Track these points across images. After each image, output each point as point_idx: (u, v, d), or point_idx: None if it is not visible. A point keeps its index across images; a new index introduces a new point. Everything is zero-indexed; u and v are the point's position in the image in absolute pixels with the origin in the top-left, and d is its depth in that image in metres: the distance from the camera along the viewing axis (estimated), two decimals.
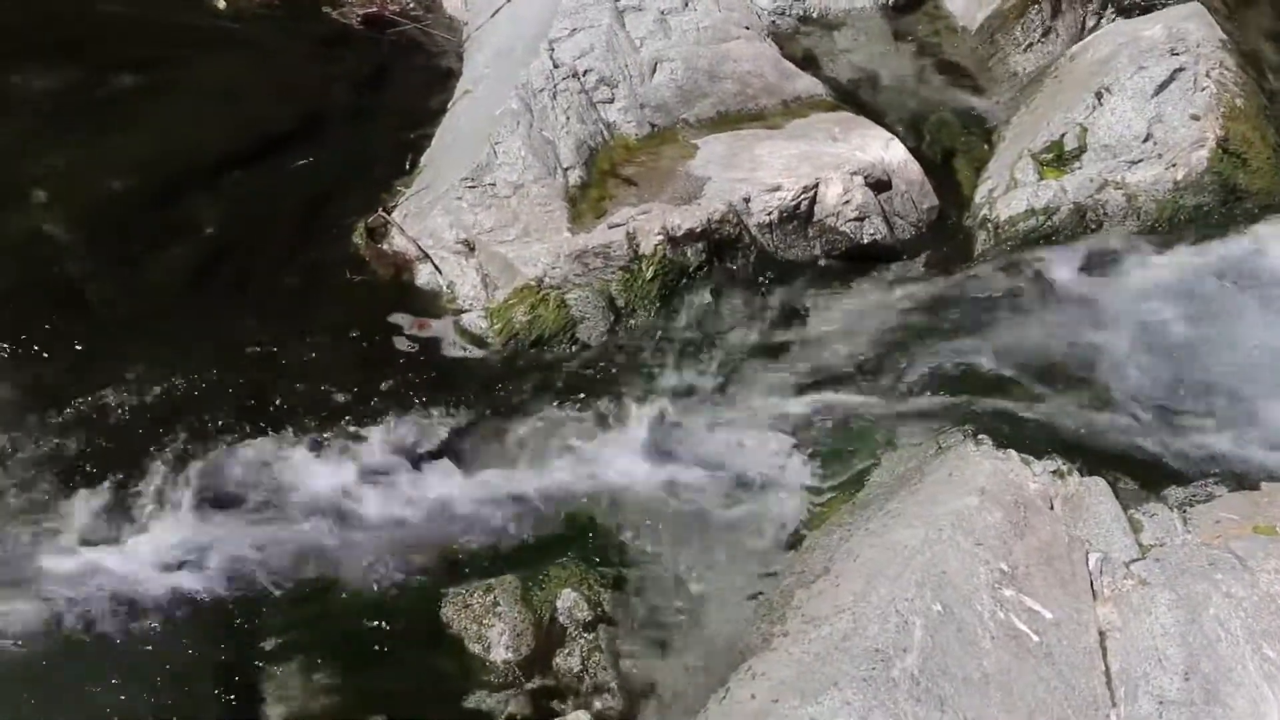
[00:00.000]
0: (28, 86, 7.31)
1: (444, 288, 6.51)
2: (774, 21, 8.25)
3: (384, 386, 6.01)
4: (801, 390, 6.20)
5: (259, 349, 6.07)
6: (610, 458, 5.80)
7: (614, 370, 6.23)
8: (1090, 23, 8.23)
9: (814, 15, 8.39)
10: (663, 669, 5.15)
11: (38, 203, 6.65)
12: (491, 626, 5.16)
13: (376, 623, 5.18)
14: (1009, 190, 7.18)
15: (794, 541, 5.53)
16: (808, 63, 8.00)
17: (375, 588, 5.30)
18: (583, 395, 6.10)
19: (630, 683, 5.09)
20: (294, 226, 6.85)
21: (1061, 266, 6.70)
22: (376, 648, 5.12)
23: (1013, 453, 5.46)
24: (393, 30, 8.30)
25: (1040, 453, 5.54)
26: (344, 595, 5.26)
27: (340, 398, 5.93)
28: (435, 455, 5.78)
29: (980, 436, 5.63)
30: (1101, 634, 4.84)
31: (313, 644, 5.08)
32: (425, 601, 5.27)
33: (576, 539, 5.55)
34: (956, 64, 8.27)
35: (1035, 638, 4.71)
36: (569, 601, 5.24)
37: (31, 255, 6.42)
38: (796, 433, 6.00)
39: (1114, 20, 8.15)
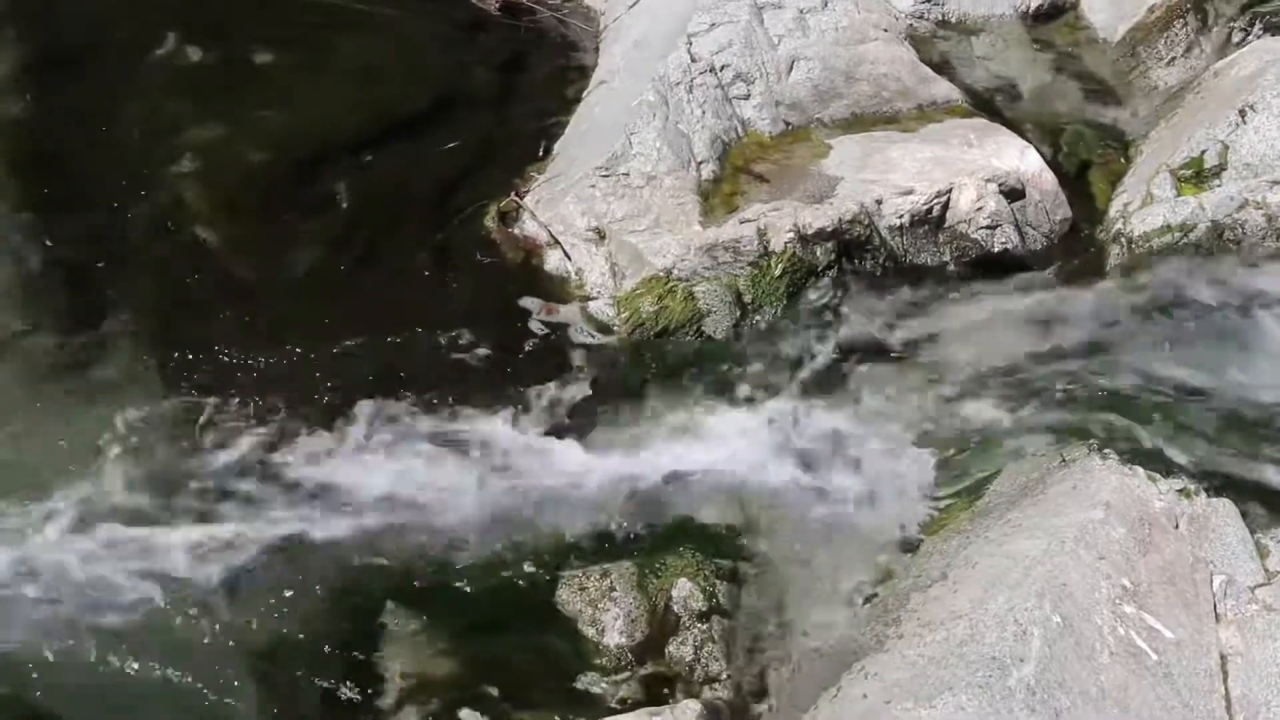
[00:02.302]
0: (176, 60, 7.51)
1: (573, 274, 6.58)
2: (911, 25, 8.19)
3: (511, 367, 6.11)
4: (925, 395, 6.18)
5: (391, 325, 6.19)
6: (731, 451, 5.83)
7: (739, 365, 6.25)
8: (1236, 39, 8.06)
9: (952, 20, 8.32)
10: (774, 663, 5.17)
11: (182, 173, 6.85)
12: (606, 611, 5.22)
13: (494, 598, 5.28)
14: (1145, 205, 7.07)
15: (911, 545, 5.52)
16: (944, 67, 7.93)
17: (494, 564, 5.39)
18: (706, 388, 6.13)
19: (742, 675, 5.12)
20: (427, 207, 6.96)
21: (1196, 285, 6.58)
22: (492, 623, 5.21)
23: (1139, 469, 5.39)
24: (530, 18, 8.37)
25: (1167, 470, 5.47)
26: (464, 568, 5.35)
27: (467, 376, 6.04)
28: (558, 437, 5.85)
29: (1106, 451, 5.55)
30: (1223, 657, 4.77)
31: (432, 614, 5.19)
32: (541, 581, 5.35)
33: (694, 529, 5.59)
34: (1095, 75, 8.15)
35: (1154, 656, 4.65)
36: (684, 591, 5.27)
37: (175, 224, 6.61)
38: (918, 437, 5.98)
39: (1261, 37, 7.98)
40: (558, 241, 6.63)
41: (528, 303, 6.44)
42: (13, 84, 7.13)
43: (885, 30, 7.83)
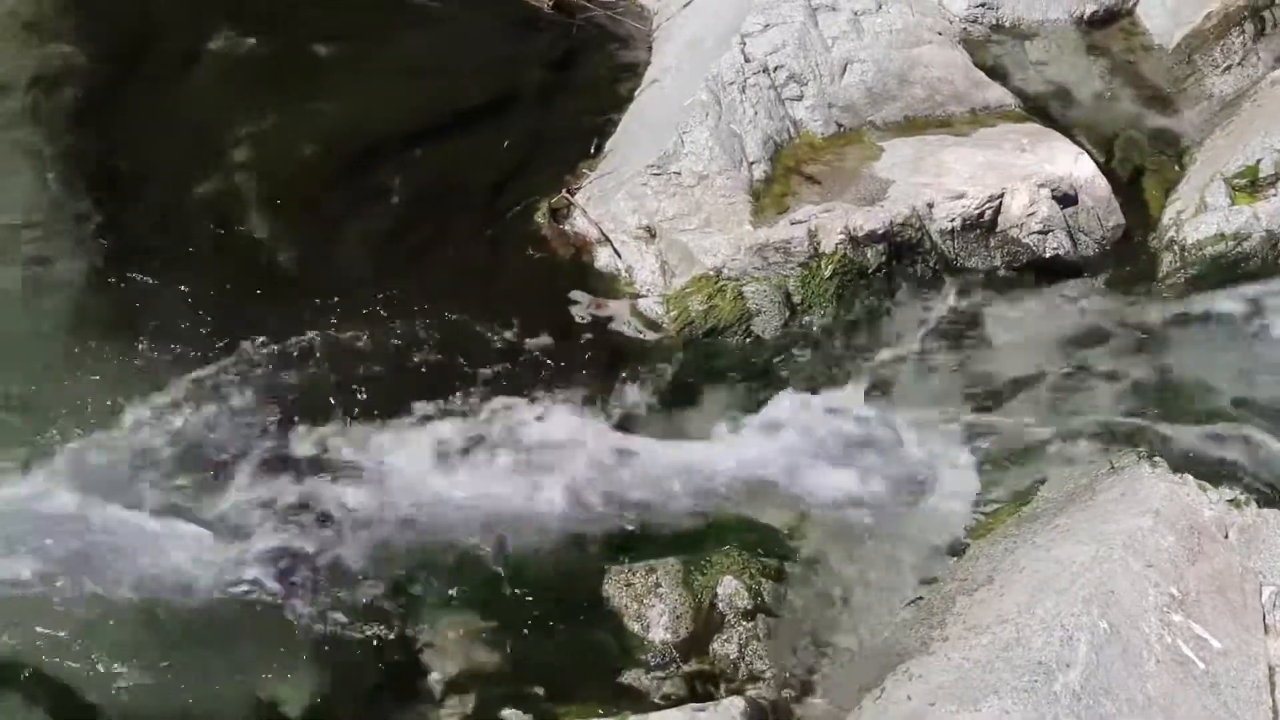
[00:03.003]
0: (233, 51, 7.57)
1: (622, 271, 6.61)
2: (965, 29, 8.14)
3: (560, 363, 6.15)
4: (974, 399, 6.17)
5: (442, 318, 6.23)
6: (779, 451, 5.84)
7: (787, 365, 6.27)
8: None
9: (1006, 25, 8.26)
10: (819, 663, 5.17)
11: (236, 164, 6.91)
12: (652, 607, 5.24)
13: (539, 592, 5.31)
14: (1198, 213, 7.02)
15: (957, 548, 5.53)
16: (998, 72, 7.89)
17: (538, 558, 5.42)
18: (754, 387, 6.15)
19: (785, 674, 5.13)
20: (479, 202, 7.00)
21: (1250, 294, 6.54)
22: (538, 617, 5.24)
23: (1189, 477, 5.35)
24: (583, 16, 8.38)
25: (1217, 480, 5.43)
26: (507, 562, 5.39)
27: (517, 370, 6.08)
28: (605, 432, 5.87)
29: (1155, 459, 5.53)
30: (1271, 669, 4.74)
31: (476, 608, 5.24)
32: (587, 576, 5.38)
33: (740, 528, 5.61)
34: (1150, 82, 8.09)
35: (1201, 665, 4.63)
36: (730, 589, 5.28)
37: (229, 216, 6.67)
38: (966, 441, 5.97)
39: None
40: (608, 239, 6.65)
41: (577, 297, 6.47)
42: (71, 77, 7.20)
43: (939, 34, 7.81)
